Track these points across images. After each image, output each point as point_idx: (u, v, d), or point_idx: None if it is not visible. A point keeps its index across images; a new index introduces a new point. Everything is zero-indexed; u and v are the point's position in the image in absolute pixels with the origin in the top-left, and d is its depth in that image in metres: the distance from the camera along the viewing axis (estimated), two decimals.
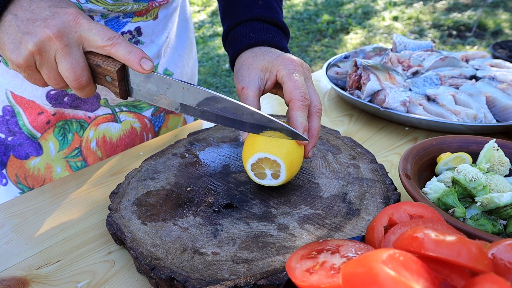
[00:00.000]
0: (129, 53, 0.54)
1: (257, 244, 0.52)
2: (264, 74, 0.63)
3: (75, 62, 0.54)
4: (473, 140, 0.68)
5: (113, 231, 0.56)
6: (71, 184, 0.72)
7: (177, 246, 0.52)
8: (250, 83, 0.62)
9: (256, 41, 0.67)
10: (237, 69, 0.66)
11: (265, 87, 0.63)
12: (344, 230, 0.54)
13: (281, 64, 0.61)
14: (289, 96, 0.59)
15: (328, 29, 4.27)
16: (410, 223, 0.41)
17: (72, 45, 0.54)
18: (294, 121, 0.57)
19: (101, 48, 0.55)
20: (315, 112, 0.60)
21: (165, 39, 0.85)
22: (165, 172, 0.68)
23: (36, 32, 0.52)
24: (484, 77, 1.02)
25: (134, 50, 0.54)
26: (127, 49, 0.54)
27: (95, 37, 0.54)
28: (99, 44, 0.54)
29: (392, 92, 0.89)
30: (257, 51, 0.66)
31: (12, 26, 0.53)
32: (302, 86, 0.59)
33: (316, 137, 0.60)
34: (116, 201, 0.61)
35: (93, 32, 0.54)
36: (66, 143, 0.81)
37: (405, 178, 0.57)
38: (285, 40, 0.72)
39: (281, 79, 0.61)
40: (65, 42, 0.53)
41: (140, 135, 0.90)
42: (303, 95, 0.58)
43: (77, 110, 0.80)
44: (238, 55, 0.68)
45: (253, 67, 0.63)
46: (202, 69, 3.60)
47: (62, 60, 0.54)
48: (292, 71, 0.60)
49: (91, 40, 0.54)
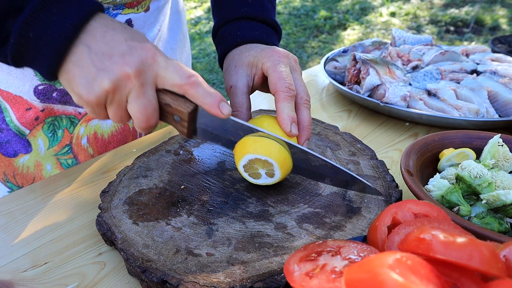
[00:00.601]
0: (208, 96, 0.50)
1: (254, 244, 0.50)
2: (251, 69, 0.61)
3: (148, 103, 0.49)
4: (476, 135, 0.65)
5: (103, 232, 0.53)
6: (62, 182, 0.70)
7: (170, 247, 0.50)
8: (238, 80, 0.61)
9: (243, 39, 0.65)
10: (225, 68, 0.65)
11: (253, 83, 0.62)
12: (344, 230, 0.52)
13: (265, 57, 0.59)
14: (273, 88, 0.57)
15: (325, 25, 4.24)
16: (415, 222, 0.38)
17: (147, 84, 0.49)
18: (280, 113, 0.55)
19: (178, 87, 0.50)
20: (303, 104, 0.58)
21: (157, 32, 0.82)
22: (158, 170, 0.65)
23: (114, 70, 0.47)
24: (485, 71, 1.00)
25: (213, 93, 0.51)
26: (206, 91, 0.50)
27: (172, 75, 0.49)
28: (176, 83, 0.50)
29: (392, 86, 0.86)
30: (243, 48, 0.64)
31: (85, 58, 0.47)
32: (287, 77, 0.57)
33: (307, 129, 0.57)
34: (106, 200, 0.59)
35: (170, 70, 0.49)
36: (56, 140, 0.79)
37: (407, 175, 0.55)
38: (275, 37, 0.70)
39: (266, 71, 0.59)
40: (141, 81, 0.48)
41: (133, 132, 0.87)
42: (287, 85, 0.56)
43: (66, 105, 0.78)
44: (226, 54, 0.66)
45: (240, 64, 0.62)
46: (198, 65, 3.57)
47: (136, 100, 0.49)
48: (276, 62, 0.58)
49: (167, 79, 0.50)
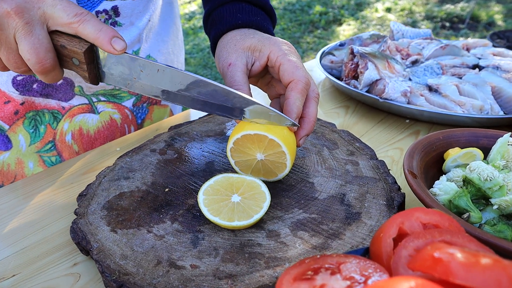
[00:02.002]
0: (98, 31, 0.48)
1: (243, 255, 0.45)
2: (253, 53, 0.57)
3: (38, 43, 0.47)
4: (483, 133, 0.61)
5: (78, 240, 0.48)
6: (43, 182, 0.65)
7: (150, 258, 0.45)
8: (237, 59, 0.56)
9: (244, 22, 0.60)
10: (222, 47, 0.59)
11: (252, 67, 0.56)
12: (343, 238, 0.47)
13: (274, 45, 0.56)
14: (290, 76, 0.53)
15: (320, 21, 4.20)
16: (425, 234, 0.34)
17: (34, 23, 0.47)
18: (290, 103, 0.52)
19: (67, 25, 0.48)
20: (314, 97, 0.55)
21: (146, 22, 0.77)
22: (142, 171, 0.60)
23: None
24: (487, 66, 0.96)
25: (104, 28, 0.48)
26: (96, 27, 0.48)
27: (60, 13, 0.47)
28: (64, 21, 0.48)
29: (392, 81, 0.82)
30: (246, 31, 0.60)
31: None
32: (302, 68, 0.54)
33: (312, 124, 0.54)
34: (84, 204, 0.54)
35: (58, 8, 0.47)
36: (38, 136, 0.75)
37: (411, 177, 0.50)
38: (271, 25, 0.66)
39: (277, 60, 0.55)
40: (26, 19, 0.46)
41: (121, 128, 0.82)
42: (306, 76, 0.53)
43: (48, 99, 0.73)
44: (223, 35, 0.61)
45: (241, 45, 0.57)
46: (192, 60, 3.51)
47: (23, 40, 0.47)
48: (288, 52, 0.55)
49: (55, 17, 0.48)
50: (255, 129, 0.50)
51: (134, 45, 0.78)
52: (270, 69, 0.57)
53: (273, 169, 0.54)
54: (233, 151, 0.53)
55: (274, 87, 0.61)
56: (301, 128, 0.54)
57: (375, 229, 0.48)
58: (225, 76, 0.56)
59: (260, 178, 0.54)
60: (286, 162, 0.52)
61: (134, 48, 0.78)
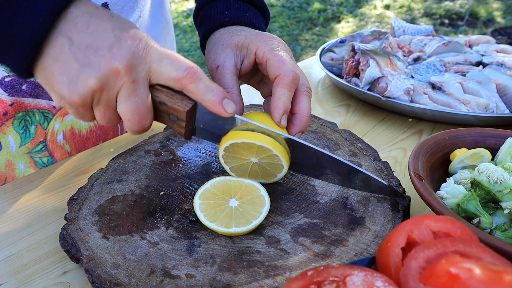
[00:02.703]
0: (210, 92, 0.44)
1: (242, 263, 0.43)
2: (241, 51, 0.54)
3: (141, 102, 0.43)
4: (490, 133, 0.59)
5: (67, 248, 0.46)
6: (33, 185, 0.63)
7: (143, 267, 0.43)
8: (226, 60, 0.53)
9: (232, 20, 0.58)
10: (210, 47, 0.57)
11: (241, 66, 0.54)
12: (346, 244, 0.45)
13: (261, 41, 0.53)
14: (276, 71, 0.50)
15: (319, 18, 4.17)
16: (436, 244, 0.32)
17: (140, 80, 0.42)
18: (276, 100, 0.49)
19: (175, 81, 0.43)
20: (304, 91, 0.52)
21: (137, 18, 0.75)
22: (136, 173, 0.58)
23: (100, 65, 0.40)
24: (491, 63, 0.94)
25: (216, 88, 0.44)
26: (208, 86, 0.44)
27: (168, 68, 0.43)
28: (172, 77, 0.43)
29: (394, 79, 0.80)
30: (234, 28, 0.57)
31: (66, 52, 0.40)
32: (290, 62, 0.50)
33: (305, 120, 0.51)
34: (74, 209, 0.52)
35: (165, 63, 0.43)
36: (29, 137, 0.72)
37: (417, 180, 0.48)
38: (263, 22, 0.64)
39: (264, 56, 0.52)
40: (133, 78, 0.41)
41: (114, 127, 0.80)
42: (293, 70, 0.50)
43: (38, 99, 0.71)
44: (211, 34, 0.59)
45: (228, 44, 0.55)
46: (190, 58, 3.48)
47: (127, 100, 0.42)
48: (275, 47, 0.52)
49: (162, 72, 0.43)
50: (242, 137, 0.47)
51: None
52: (259, 66, 0.55)
53: (271, 170, 0.51)
54: (225, 157, 0.51)
55: (267, 84, 0.58)
56: (293, 125, 0.51)
57: (380, 235, 0.46)
58: (214, 79, 0.53)
59: (259, 181, 0.51)
60: (281, 163, 0.49)
61: None
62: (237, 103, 0.51)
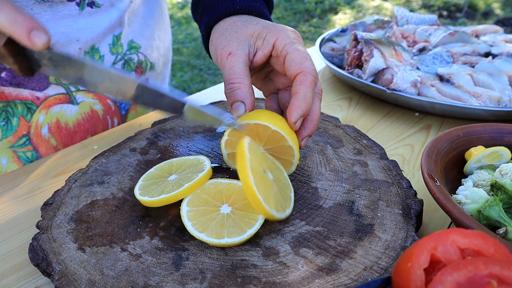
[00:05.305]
0: (14, 23, 0.41)
1: (235, 279, 0.38)
2: (255, 40, 0.49)
3: None
4: (509, 130, 0.54)
5: (37, 262, 0.40)
6: (10, 184, 0.57)
7: (123, 285, 0.37)
8: (239, 48, 0.48)
9: (242, 8, 0.53)
10: (220, 33, 0.52)
11: (253, 58, 0.49)
12: (354, 257, 0.40)
13: (280, 32, 0.48)
14: (298, 68, 0.46)
15: (316, 9, 4.12)
16: (466, 265, 0.26)
17: None
18: (300, 98, 0.45)
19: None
20: (318, 93, 0.49)
21: (128, 4, 0.71)
22: (119, 174, 0.52)
23: None
24: (501, 54, 0.88)
25: (21, 20, 0.41)
26: (10, 18, 0.40)
27: None
28: None
29: (400, 70, 0.74)
30: (247, 18, 0.52)
31: None
32: (311, 60, 0.47)
33: (315, 124, 0.48)
34: (48, 215, 0.46)
35: None
36: (11, 130, 0.68)
37: (432, 183, 0.43)
38: (269, 13, 0.59)
39: (283, 49, 0.47)
40: None
41: (103, 120, 0.75)
42: (314, 69, 0.47)
43: (20, 88, 0.67)
44: (220, 20, 0.53)
45: (242, 32, 0.50)
46: (185, 50, 3.41)
47: None
48: (295, 41, 0.48)
49: None
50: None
51: (115, 29, 0.71)
52: (273, 60, 0.50)
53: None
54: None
55: (273, 81, 0.53)
56: (303, 127, 0.47)
57: (391, 245, 0.41)
58: (223, 68, 0.48)
59: None
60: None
61: (115, 33, 0.71)
62: (249, 96, 0.47)
